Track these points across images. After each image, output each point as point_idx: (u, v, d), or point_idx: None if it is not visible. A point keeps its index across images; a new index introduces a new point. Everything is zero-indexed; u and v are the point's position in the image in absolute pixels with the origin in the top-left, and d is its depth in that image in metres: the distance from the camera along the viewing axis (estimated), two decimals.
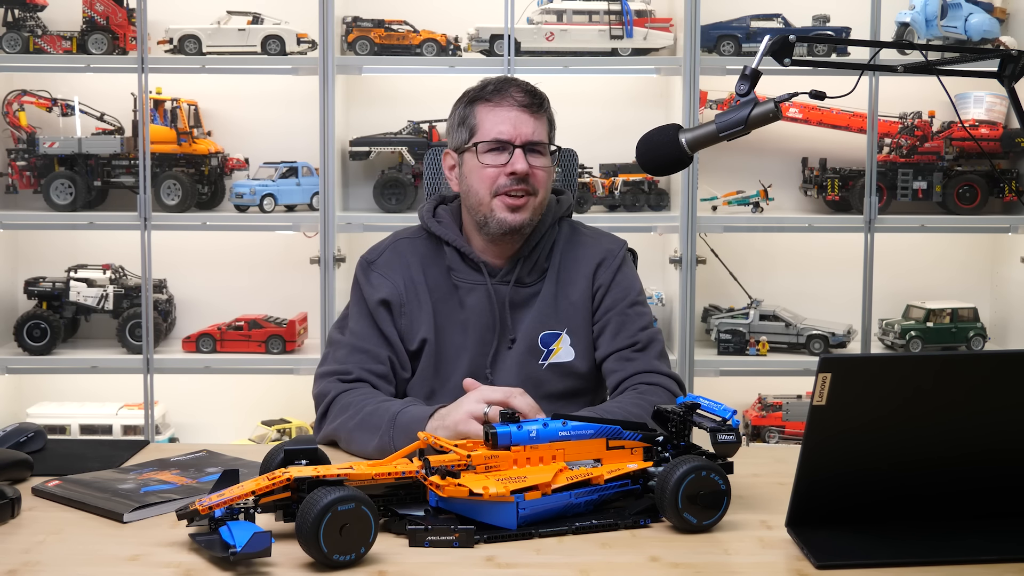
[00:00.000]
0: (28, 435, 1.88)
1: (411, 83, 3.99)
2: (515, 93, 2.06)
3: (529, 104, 2.05)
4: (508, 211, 2.04)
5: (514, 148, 2.03)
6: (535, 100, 2.07)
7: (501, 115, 2.04)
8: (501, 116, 2.04)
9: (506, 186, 2.03)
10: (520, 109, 2.04)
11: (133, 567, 1.38)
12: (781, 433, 3.85)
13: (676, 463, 1.47)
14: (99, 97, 3.92)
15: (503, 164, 2.03)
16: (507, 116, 2.04)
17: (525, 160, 2.03)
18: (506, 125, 2.04)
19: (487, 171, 2.04)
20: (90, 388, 3.98)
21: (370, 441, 1.87)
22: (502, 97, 2.06)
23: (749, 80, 1.72)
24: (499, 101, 2.06)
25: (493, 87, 2.08)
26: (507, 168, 2.02)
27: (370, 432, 1.88)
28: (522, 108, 2.05)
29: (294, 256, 3.83)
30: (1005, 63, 1.75)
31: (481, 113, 2.07)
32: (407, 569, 1.36)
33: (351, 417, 1.92)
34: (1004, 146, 3.85)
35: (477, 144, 2.05)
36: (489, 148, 2.04)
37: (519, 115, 2.04)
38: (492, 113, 2.05)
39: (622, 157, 3.87)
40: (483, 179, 2.05)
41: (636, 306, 2.13)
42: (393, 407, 1.89)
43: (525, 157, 2.03)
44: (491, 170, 2.04)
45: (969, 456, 1.44)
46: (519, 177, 2.02)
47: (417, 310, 2.08)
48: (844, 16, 3.82)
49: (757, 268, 4.02)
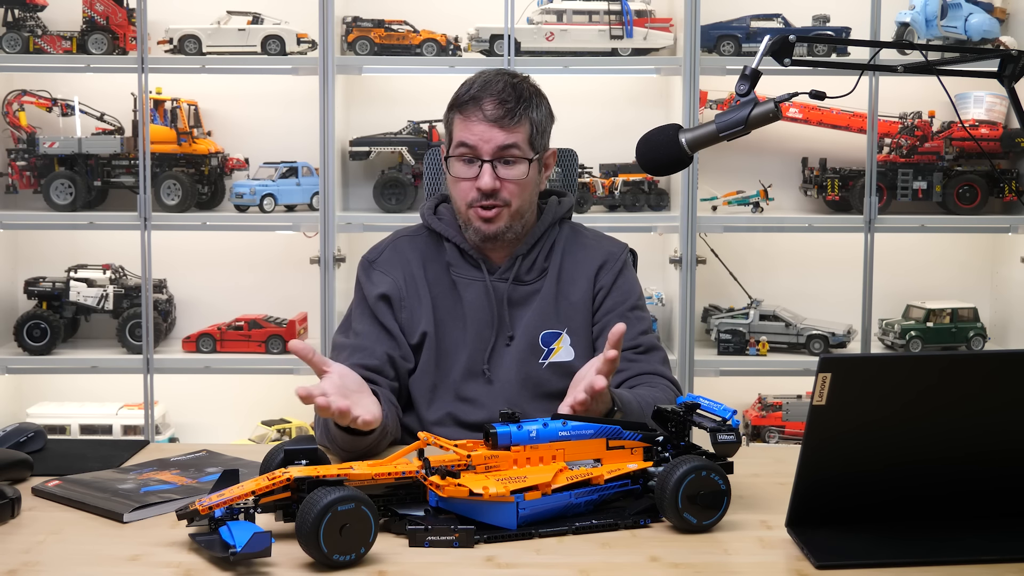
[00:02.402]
0: (28, 435, 1.88)
1: (411, 83, 3.99)
2: (486, 106, 2.01)
3: (500, 118, 2.00)
4: (482, 221, 2.04)
5: (483, 163, 2.02)
6: (507, 113, 2.01)
7: (470, 127, 2.02)
8: (470, 128, 2.02)
9: (477, 200, 2.02)
10: (489, 124, 2.01)
11: (133, 567, 1.38)
12: (781, 433, 3.85)
13: (676, 463, 1.47)
14: (99, 97, 3.92)
15: (473, 177, 2.03)
16: (475, 129, 2.01)
17: (493, 174, 2.01)
18: (474, 138, 2.01)
19: (460, 184, 2.05)
20: (90, 388, 3.98)
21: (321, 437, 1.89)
22: (474, 109, 2.02)
23: (749, 80, 1.72)
24: (469, 114, 2.02)
25: (469, 97, 2.03)
26: (477, 183, 2.02)
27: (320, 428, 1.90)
28: (491, 123, 2.01)
29: (294, 256, 3.83)
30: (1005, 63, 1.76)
31: (456, 123, 2.06)
32: (407, 569, 1.36)
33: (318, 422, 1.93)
34: (1004, 146, 3.85)
35: (449, 156, 2.05)
36: (460, 159, 2.04)
37: (487, 128, 2.01)
38: (462, 124, 2.04)
39: (622, 157, 3.87)
40: (457, 191, 2.06)
41: (637, 310, 2.13)
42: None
43: (494, 170, 2.01)
44: (464, 183, 2.04)
45: (969, 456, 1.44)
46: (486, 192, 2.02)
47: (417, 304, 2.08)
48: (844, 16, 3.82)
49: (757, 268, 4.02)
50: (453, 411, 2.04)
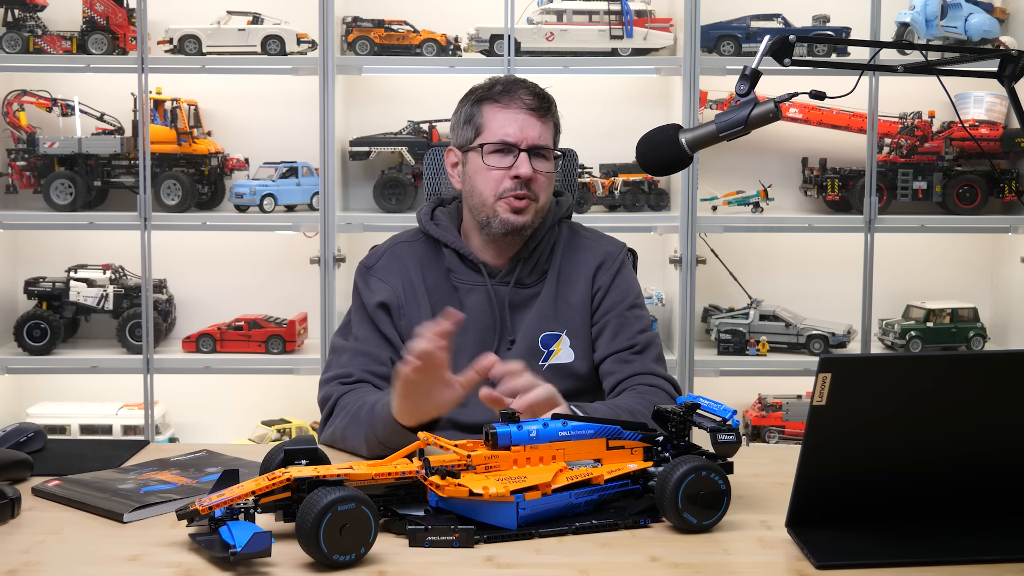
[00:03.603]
0: (28, 435, 1.88)
1: (411, 83, 3.99)
2: (523, 96, 2.05)
3: (537, 108, 2.05)
4: (512, 212, 2.04)
5: (519, 152, 2.03)
6: (543, 104, 2.06)
7: (508, 116, 2.04)
8: (508, 117, 2.04)
9: (510, 189, 2.03)
10: (528, 112, 2.04)
11: (133, 567, 1.38)
12: (781, 433, 3.85)
13: (676, 463, 1.47)
14: (99, 97, 3.92)
15: (508, 167, 2.03)
16: (514, 118, 2.04)
17: (530, 164, 2.03)
18: (513, 127, 2.03)
19: (492, 173, 2.04)
20: (90, 388, 3.98)
21: (359, 435, 1.89)
22: (511, 99, 2.05)
23: (749, 80, 1.72)
24: (507, 103, 2.05)
25: (502, 87, 2.07)
26: (511, 171, 2.02)
27: (358, 426, 1.90)
28: (530, 111, 2.04)
29: (294, 256, 3.83)
30: (1005, 63, 1.75)
31: (488, 113, 2.06)
32: (407, 569, 1.36)
33: (345, 415, 1.93)
34: (1004, 146, 3.85)
35: (483, 145, 2.05)
36: (495, 149, 2.04)
37: (527, 118, 2.04)
38: (499, 114, 2.05)
39: (622, 157, 3.87)
40: (487, 181, 2.05)
41: (635, 309, 2.13)
42: (373, 398, 1.91)
43: (530, 161, 2.03)
44: (496, 172, 2.04)
45: (969, 456, 1.44)
46: (522, 181, 2.02)
47: (415, 312, 2.08)
48: (844, 16, 3.82)
49: (757, 268, 4.02)
50: (453, 416, 2.04)
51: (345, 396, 1.98)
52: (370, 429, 1.86)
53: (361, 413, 1.90)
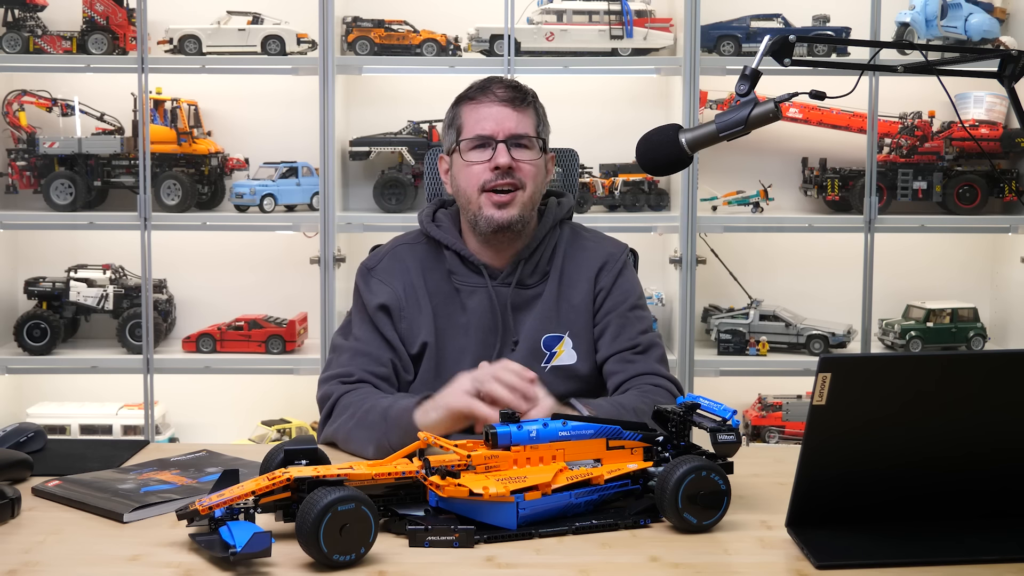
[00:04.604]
0: (28, 435, 1.88)
1: (411, 83, 3.99)
2: (497, 89, 2.06)
3: (511, 99, 2.05)
4: (495, 208, 2.04)
5: (496, 143, 2.03)
6: (518, 95, 2.07)
7: (483, 112, 2.05)
8: (483, 113, 2.05)
9: (491, 181, 2.03)
10: (502, 104, 2.05)
11: (133, 567, 1.38)
12: (781, 433, 3.85)
13: (676, 463, 1.47)
14: (99, 97, 3.92)
15: (487, 160, 2.03)
16: (489, 112, 2.05)
17: (508, 154, 2.03)
18: (488, 121, 2.04)
19: (472, 168, 2.05)
20: (90, 388, 3.98)
21: (368, 438, 1.88)
22: (484, 94, 2.07)
23: (749, 80, 1.72)
24: (481, 98, 2.07)
25: (477, 86, 2.09)
26: (491, 163, 2.03)
27: (367, 429, 1.89)
28: (504, 103, 2.05)
29: (294, 256, 3.83)
30: (1005, 63, 1.75)
31: (466, 112, 2.08)
32: (407, 569, 1.36)
33: (351, 417, 1.93)
34: (1004, 146, 3.85)
35: (461, 143, 2.06)
36: (473, 145, 2.05)
37: (501, 109, 2.05)
38: (475, 111, 2.06)
39: (622, 157, 3.87)
40: (469, 176, 2.05)
41: (636, 310, 2.13)
42: (385, 402, 1.90)
43: (509, 151, 2.03)
44: (476, 167, 2.04)
45: (969, 456, 1.44)
46: (503, 171, 2.02)
47: (417, 314, 2.08)
48: (844, 16, 3.82)
49: (757, 268, 4.02)
50: None
51: (346, 396, 1.98)
52: (384, 435, 1.86)
53: (370, 417, 1.89)
